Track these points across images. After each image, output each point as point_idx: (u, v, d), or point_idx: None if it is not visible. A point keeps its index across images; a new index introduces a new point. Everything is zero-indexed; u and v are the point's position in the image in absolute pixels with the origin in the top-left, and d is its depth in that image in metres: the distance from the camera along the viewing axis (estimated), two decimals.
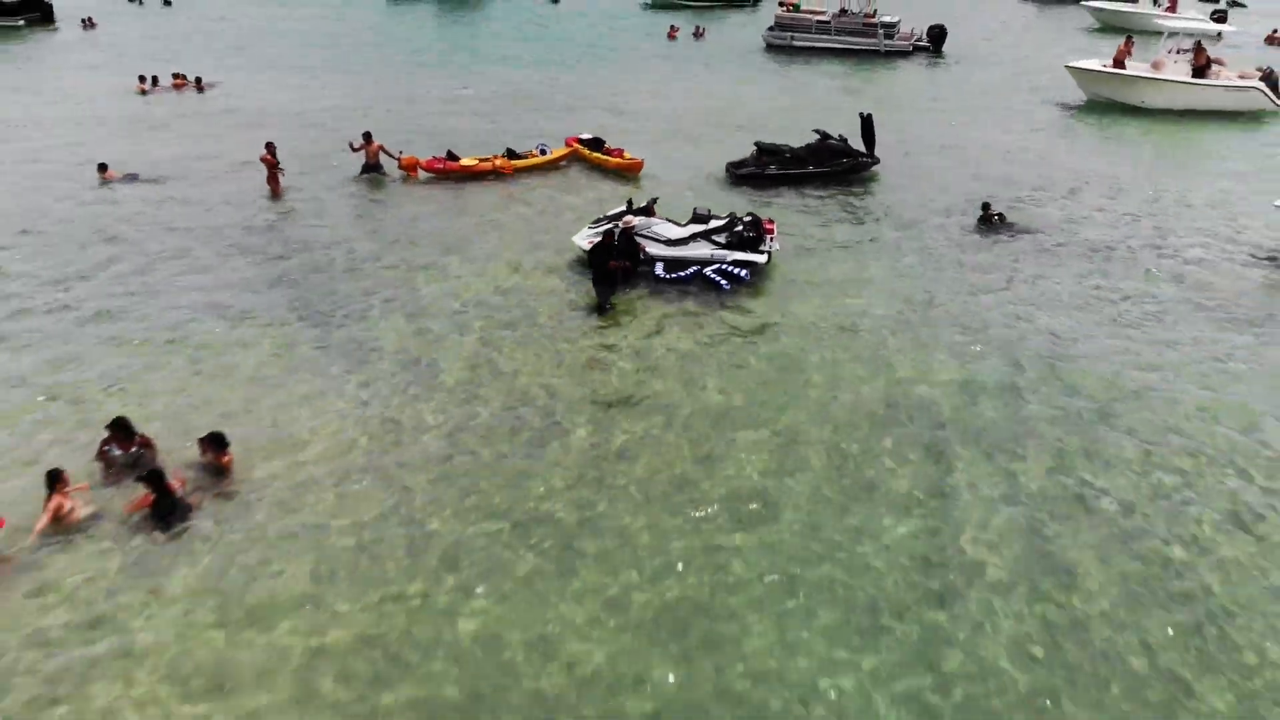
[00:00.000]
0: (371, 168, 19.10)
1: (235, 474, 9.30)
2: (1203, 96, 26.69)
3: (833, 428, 10.26)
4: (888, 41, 35.58)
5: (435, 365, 11.52)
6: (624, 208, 15.71)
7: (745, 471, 9.48)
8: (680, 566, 8.11)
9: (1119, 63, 27.84)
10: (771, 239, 15.02)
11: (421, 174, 19.17)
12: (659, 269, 14.32)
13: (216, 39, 38.28)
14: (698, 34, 40.53)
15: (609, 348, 12.16)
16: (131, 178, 19.21)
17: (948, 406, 10.68)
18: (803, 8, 37.84)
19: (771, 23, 37.99)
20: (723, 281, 14.00)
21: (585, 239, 14.80)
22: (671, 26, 40.80)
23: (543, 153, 20.28)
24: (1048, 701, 6.77)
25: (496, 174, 19.24)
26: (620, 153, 20.22)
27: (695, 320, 12.92)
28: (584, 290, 13.66)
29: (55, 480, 8.66)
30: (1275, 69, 29.19)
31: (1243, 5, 54.01)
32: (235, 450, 9.37)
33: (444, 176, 19.10)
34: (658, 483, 9.28)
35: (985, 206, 16.74)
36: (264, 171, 18.36)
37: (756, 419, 10.42)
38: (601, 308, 13.25)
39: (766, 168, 19.54)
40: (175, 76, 27.95)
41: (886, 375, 11.42)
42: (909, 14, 38.15)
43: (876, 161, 19.95)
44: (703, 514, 8.81)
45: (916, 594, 7.81)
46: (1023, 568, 8.14)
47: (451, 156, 19.39)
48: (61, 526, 8.54)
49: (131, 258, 14.78)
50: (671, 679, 6.94)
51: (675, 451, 9.81)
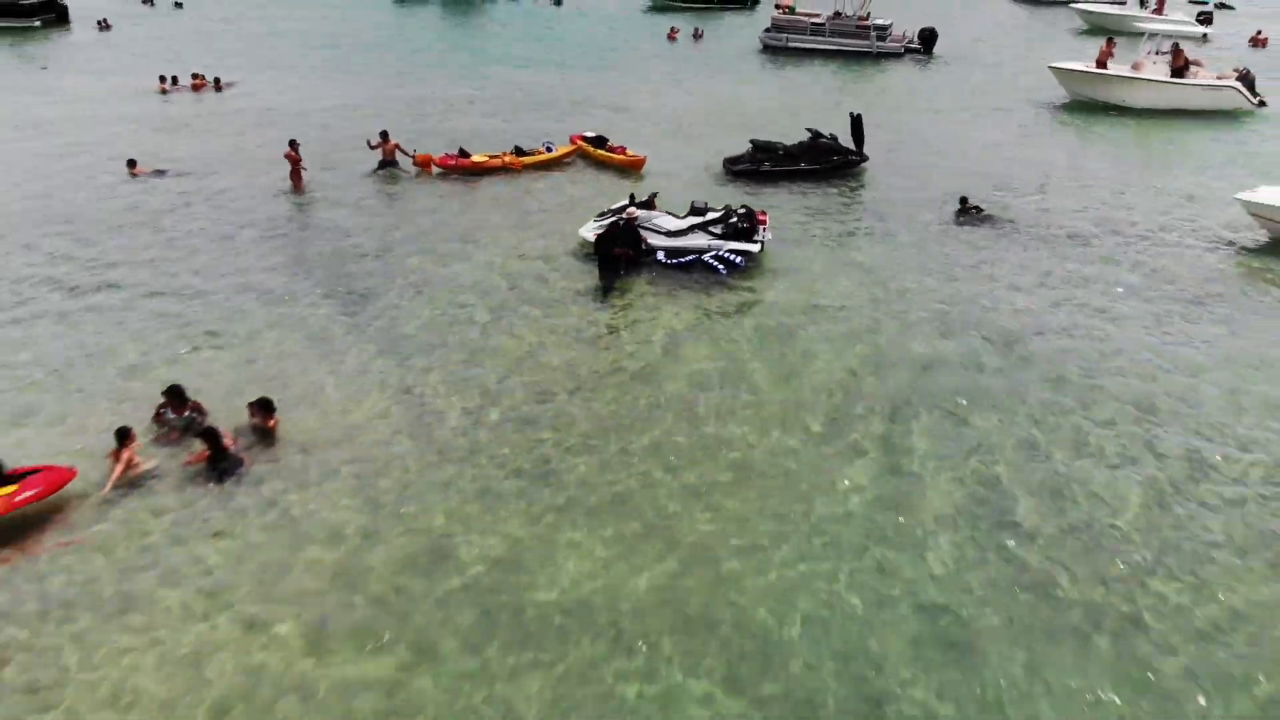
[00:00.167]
0: (388, 164, 20.23)
1: (280, 435, 10.41)
2: (1181, 96, 27.81)
3: (809, 391, 11.41)
4: (880, 44, 36.73)
5: (456, 341, 12.62)
6: (627, 201, 16.80)
7: (728, 427, 10.63)
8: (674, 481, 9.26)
9: (1101, 64, 28.97)
10: (764, 230, 16.11)
11: (435, 170, 20.30)
12: (661, 255, 15.43)
13: (228, 40, 39.40)
14: (697, 36, 41.65)
15: (612, 325, 13.29)
16: (159, 173, 20.30)
17: (913, 375, 11.84)
18: (798, 10, 39.00)
19: (768, 24, 39.13)
20: (720, 267, 15.12)
21: (591, 230, 15.90)
22: (672, 28, 41.90)
23: (549, 150, 21.39)
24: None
25: (505, 170, 20.36)
26: (623, 150, 21.34)
27: (692, 302, 14.03)
28: (590, 276, 14.77)
29: (124, 436, 9.79)
30: (1252, 70, 30.37)
31: (1230, 7, 55.21)
32: (279, 415, 10.50)
33: (456, 172, 20.23)
34: (653, 437, 10.43)
35: (963, 200, 17.88)
36: (285, 166, 19.47)
37: (742, 387, 11.54)
38: (606, 290, 14.37)
39: (761, 164, 20.66)
40: (194, 77, 29.07)
41: (860, 348, 12.59)
42: (903, 17, 39.29)
43: (865, 159, 21.06)
44: (689, 458, 9.95)
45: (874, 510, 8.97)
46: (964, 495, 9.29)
47: (463, 153, 20.52)
48: (127, 478, 9.67)
49: (170, 245, 15.92)
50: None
51: (669, 416, 10.93)
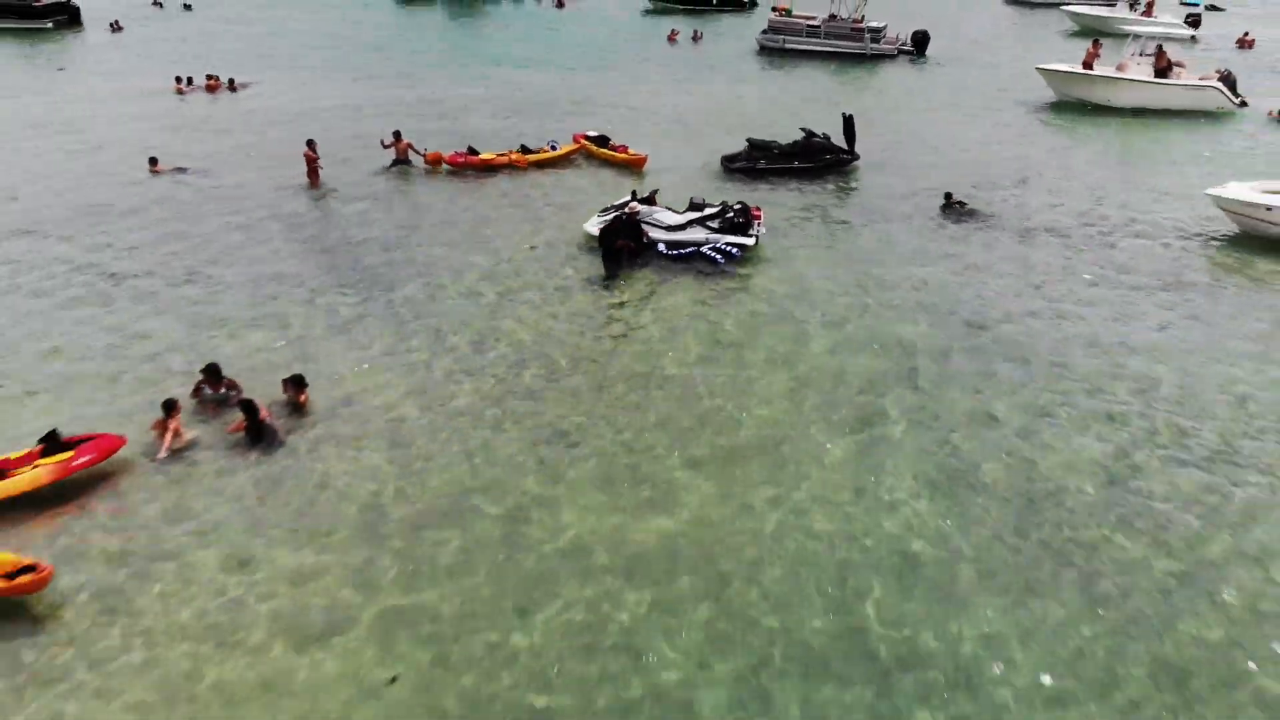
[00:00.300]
0: (400, 162, 21.18)
1: (310, 409, 11.35)
2: (1164, 96, 28.70)
3: (798, 369, 12.38)
4: (874, 45, 37.64)
5: (469, 325, 13.55)
6: (629, 197, 17.71)
7: (722, 401, 11.60)
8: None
9: (1088, 65, 29.87)
10: (759, 224, 17.03)
11: (445, 167, 21.23)
12: (661, 248, 16.35)
13: (237, 42, 40.26)
14: (696, 38, 42.55)
15: (616, 311, 14.23)
16: (179, 170, 21.22)
17: (892, 354, 12.81)
18: (794, 13, 39.91)
19: (765, 27, 40.07)
20: (718, 257, 16.06)
21: (595, 225, 16.83)
22: (672, 31, 42.80)
23: (553, 148, 22.30)
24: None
25: (512, 167, 21.29)
26: (624, 148, 22.26)
27: (690, 290, 14.97)
28: (595, 267, 15.69)
29: (171, 408, 10.73)
30: (1235, 71, 31.29)
31: (1220, 9, 56.06)
32: (309, 391, 11.44)
33: (465, 169, 21.16)
34: (653, 409, 11.40)
35: (947, 195, 18.81)
36: (300, 164, 20.37)
37: (736, 366, 12.48)
38: (610, 280, 15.30)
39: (757, 162, 21.59)
40: (209, 78, 29.98)
41: (845, 331, 13.56)
42: (897, 19, 40.18)
43: (856, 158, 21.98)
44: (686, 427, 10.90)
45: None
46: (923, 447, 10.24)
47: (472, 151, 21.47)
48: (174, 445, 10.60)
49: (197, 237, 16.87)
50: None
51: (668, 391, 11.88)
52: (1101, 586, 8.54)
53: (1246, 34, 43.20)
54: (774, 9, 41.27)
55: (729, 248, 16.28)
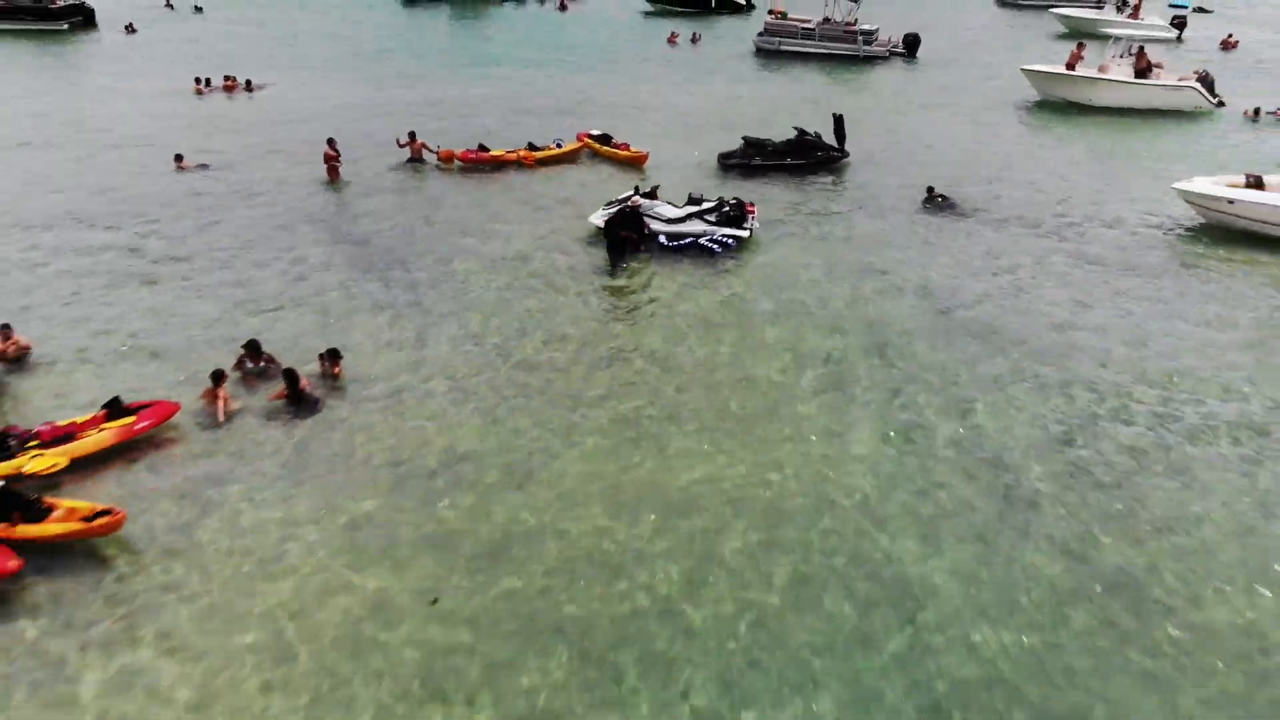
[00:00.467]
0: (414, 160, 22.37)
1: (343, 380, 12.52)
2: (1144, 96, 29.93)
3: (784, 345, 13.62)
4: (866, 48, 38.88)
5: (484, 312, 14.70)
6: (632, 191, 18.88)
7: (717, 374, 12.78)
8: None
9: (1071, 66, 31.09)
10: (752, 218, 18.22)
11: (457, 164, 22.41)
12: (662, 239, 17.53)
13: (248, 43, 41.40)
14: (694, 39, 43.78)
15: (619, 295, 15.42)
16: (203, 167, 22.37)
17: (870, 331, 14.06)
18: (790, 16, 41.14)
19: (761, 29, 41.31)
20: (714, 247, 17.26)
21: (600, 217, 18.00)
22: (672, 33, 44.00)
23: (559, 146, 23.48)
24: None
25: (520, 164, 22.47)
26: (626, 146, 23.45)
27: (688, 277, 16.15)
28: (600, 256, 16.85)
29: (219, 378, 11.91)
30: (1214, 72, 32.49)
31: (1208, 11, 57.29)
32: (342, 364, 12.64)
33: (476, 166, 22.34)
34: (648, 377, 12.62)
35: (930, 189, 20.01)
36: (318, 160, 21.52)
37: (729, 342, 13.68)
38: (614, 269, 16.47)
39: (752, 159, 22.78)
40: (226, 79, 31.15)
41: (829, 312, 14.78)
42: (891, 22, 41.42)
43: (846, 155, 23.17)
44: (682, 394, 12.10)
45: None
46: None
47: (482, 148, 22.68)
48: (224, 412, 11.77)
49: (227, 228, 18.04)
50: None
51: (666, 379, 13.08)
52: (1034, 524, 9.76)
53: (1230, 36, 44.47)
54: (770, 12, 42.49)
55: (725, 239, 17.46)
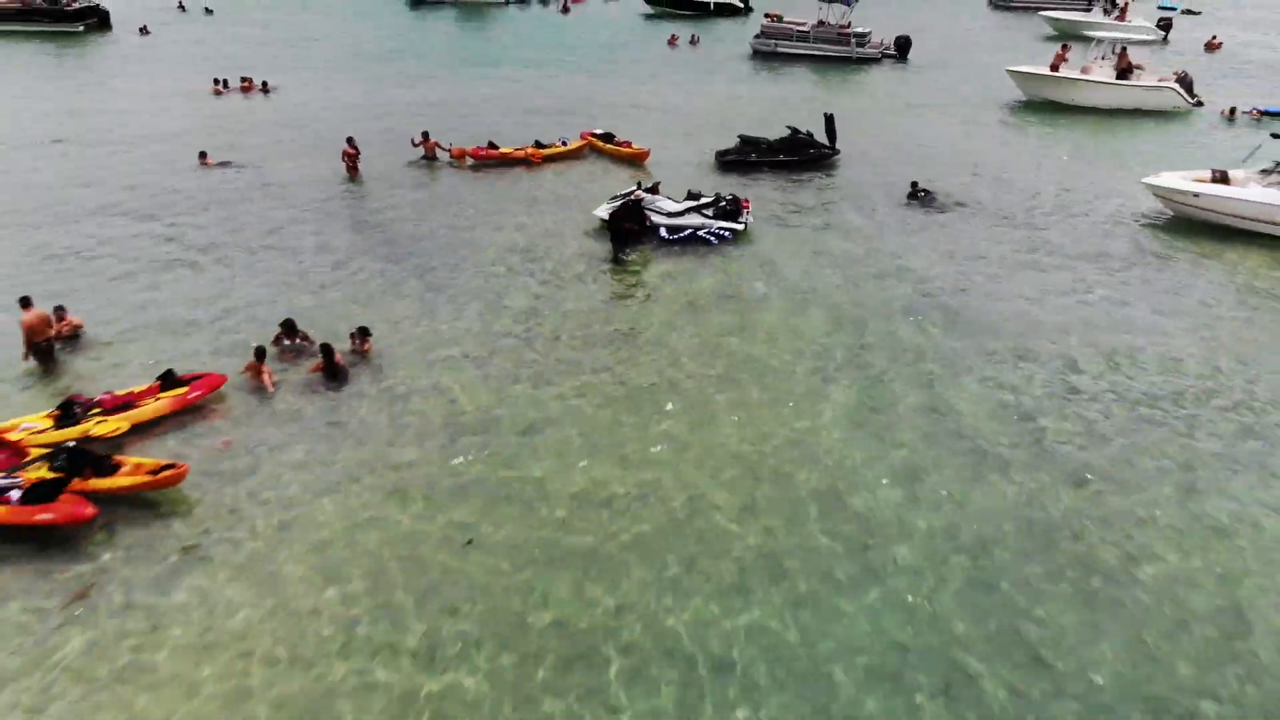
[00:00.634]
0: (428, 157, 23.61)
1: (372, 355, 13.75)
2: (1125, 96, 31.20)
3: (776, 323, 14.85)
4: (859, 50, 40.19)
5: (497, 295, 15.94)
6: (635, 187, 20.10)
7: (713, 351, 14.01)
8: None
9: (1055, 67, 32.35)
10: (747, 212, 19.45)
11: (469, 160, 23.64)
12: (663, 231, 18.75)
13: (259, 45, 42.61)
14: (693, 41, 45.05)
15: (623, 280, 16.65)
16: (225, 164, 23.58)
17: (850, 311, 15.28)
18: (786, 19, 42.42)
19: (758, 31, 42.59)
20: (711, 239, 18.50)
21: (604, 210, 19.22)
22: (672, 35, 45.28)
23: (564, 144, 24.71)
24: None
25: (528, 161, 23.70)
26: (628, 144, 24.68)
27: (687, 266, 17.38)
28: (604, 246, 18.07)
29: (262, 354, 13.13)
30: (1196, 72, 33.78)
31: (1196, 13, 58.58)
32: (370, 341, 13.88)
33: (486, 163, 23.57)
34: (651, 352, 13.85)
35: (913, 184, 21.26)
36: (336, 158, 22.77)
37: (724, 323, 14.91)
38: (617, 258, 17.70)
39: (748, 156, 24.03)
40: (243, 80, 32.38)
41: (814, 295, 16.03)
42: (887, 23, 42.72)
43: (837, 152, 24.41)
44: (679, 367, 13.33)
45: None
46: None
47: (492, 146, 23.92)
48: (257, 384, 13.00)
49: (256, 218, 19.31)
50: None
51: (666, 354, 14.30)
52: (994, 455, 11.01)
53: (1214, 37, 45.78)
54: (766, 15, 43.77)
55: (721, 231, 18.70)
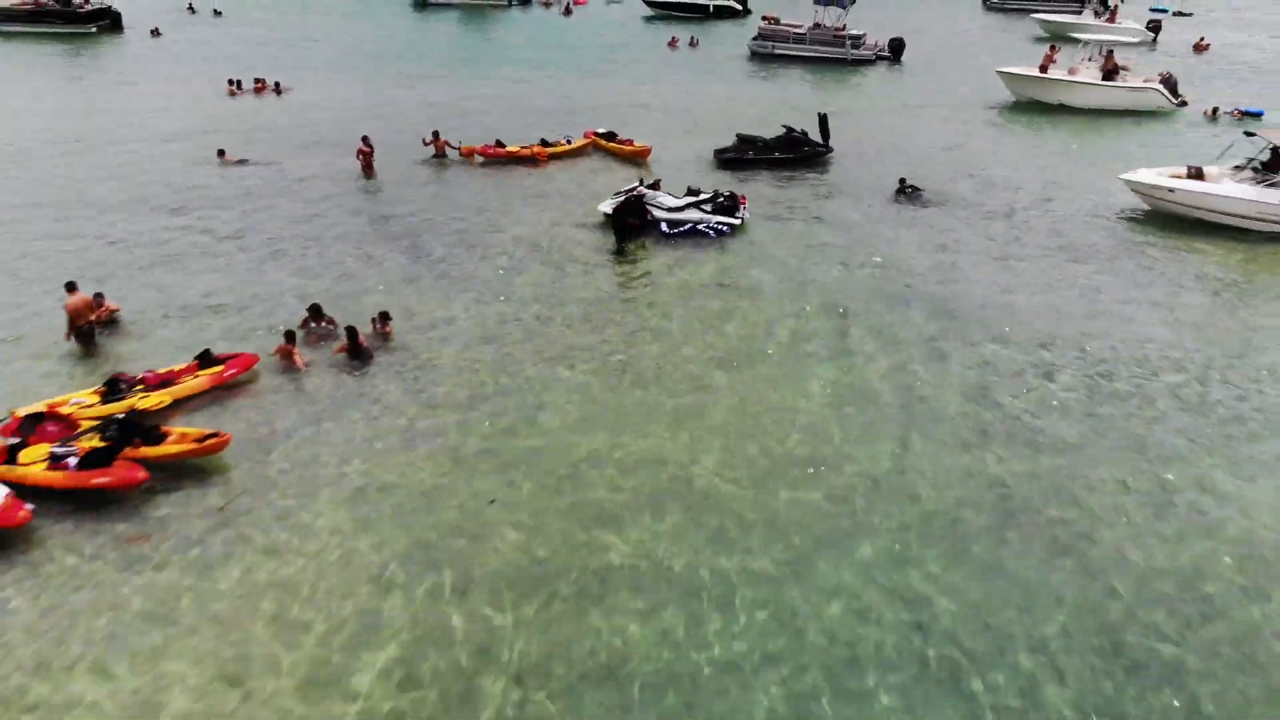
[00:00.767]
0: (438, 156, 24.66)
1: (393, 338, 14.77)
2: (1110, 97, 32.20)
3: (767, 308, 15.89)
4: (854, 51, 41.24)
5: (508, 283, 16.97)
6: (637, 183, 21.12)
7: (711, 332, 15.05)
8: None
9: (1044, 68, 33.36)
10: (743, 208, 20.48)
11: (478, 158, 24.67)
12: (664, 226, 19.78)
13: (269, 46, 43.51)
14: (693, 43, 46.10)
15: (625, 271, 17.69)
16: (243, 162, 24.58)
17: (834, 296, 16.33)
18: (782, 21, 43.50)
19: (756, 33, 43.66)
20: (710, 232, 19.55)
21: (608, 205, 20.25)
22: (673, 38, 46.34)
23: (569, 142, 25.74)
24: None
25: (534, 158, 24.73)
26: (630, 142, 25.70)
27: (686, 257, 18.42)
28: (607, 239, 19.10)
29: (291, 336, 14.16)
30: (1181, 73, 34.79)
31: (1187, 14, 59.57)
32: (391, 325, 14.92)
33: (494, 160, 24.61)
34: (652, 334, 14.87)
35: (901, 180, 22.28)
36: (351, 156, 23.79)
37: (721, 309, 15.94)
38: (620, 250, 18.74)
39: (745, 153, 25.06)
40: (256, 81, 33.37)
41: (806, 282, 17.10)
42: (884, 25, 43.77)
43: (830, 150, 25.42)
44: (678, 349, 14.37)
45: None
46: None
47: (499, 144, 24.94)
48: (288, 365, 14.02)
49: (276, 212, 20.37)
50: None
51: (666, 336, 15.34)
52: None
53: (1202, 39, 46.76)
54: (764, 18, 44.84)
55: (719, 225, 19.73)
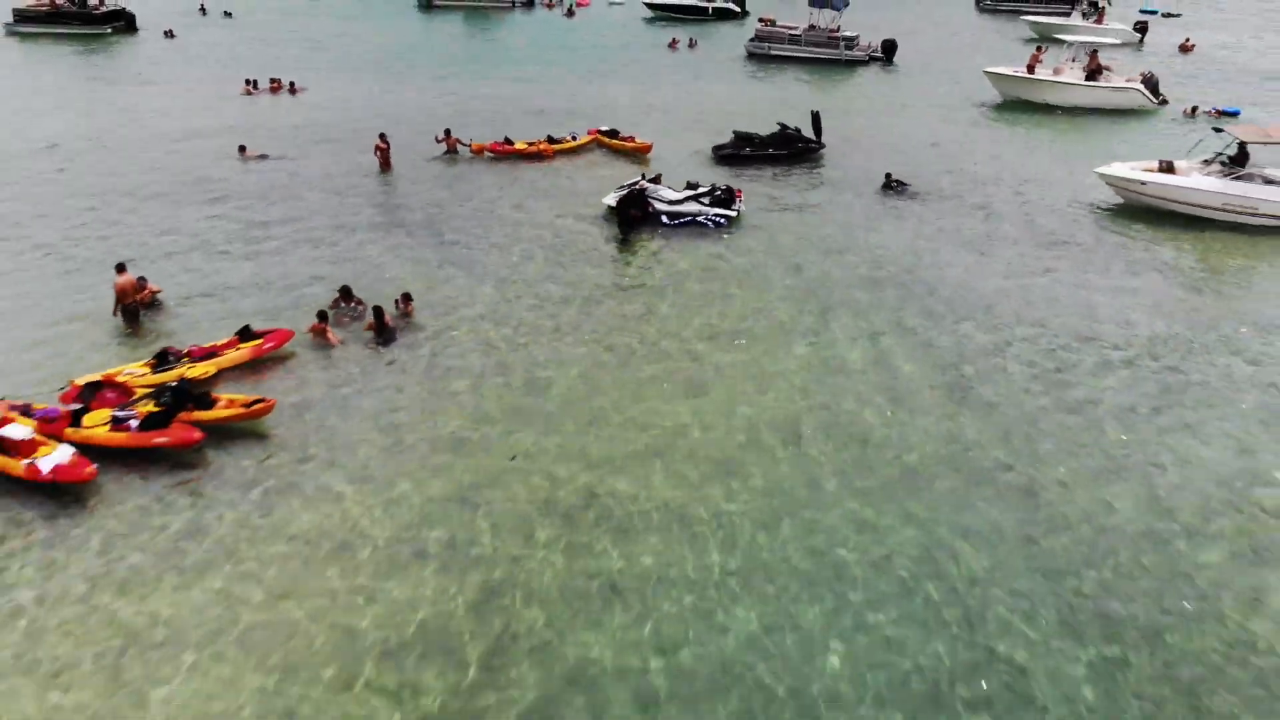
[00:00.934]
0: (450, 153, 25.96)
1: (415, 318, 16.05)
2: (1094, 96, 33.48)
3: (762, 297, 17.14)
4: (848, 52, 42.56)
5: (519, 268, 18.26)
6: (639, 177, 22.39)
7: (709, 318, 16.31)
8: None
9: (1030, 68, 34.64)
10: (740, 201, 21.75)
11: (488, 154, 25.96)
12: (664, 218, 21.05)
13: (279, 47, 44.74)
14: (692, 44, 47.41)
15: (628, 260, 18.99)
16: (263, 157, 25.83)
17: (823, 282, 17.59)
18: (779, 23, 44.83)
19: (753, 35, 44.98)
20: (708, 224, 20.83)
21: (612, 198, 21.53)
22: (673, 39, 47.65)
23: (574, 139, 27.03)
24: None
25: (541, 155, 26.01)
26: (632, 139, 26.98)
27: (686, 247, 19.70)
28: (611, 230, 20.39)
29: (325, 316, 15.44)
30: (1164, 73, 36.08)
31: (1176, 15, 60.88)
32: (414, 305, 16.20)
33: (503, 156, 25.90)
34: (653, 314, 16.15)
35: (888, 175, 23.56)
36: (367, 153, 25.05)
37: (719, 296, 17.22)
38: (623, 240, 20.03)
39: (742, 150, 26.34)
40: (272, 81, 34.62)
41: (799, 271, 18.36)
42: (878, 26, 45.03)
43: (823, 146, 26.71)
44: (675, 334, 15.63)
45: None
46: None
47: (508, 141, 26.24)
48: (322, 342, 15.29)
49: (300, 205, 21.65)
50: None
51: (665, 315, 16.61)
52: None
53: (1187, 40, 48.05)
54: (761, 19, 46.16)
55: (716, 217, 21.02)
